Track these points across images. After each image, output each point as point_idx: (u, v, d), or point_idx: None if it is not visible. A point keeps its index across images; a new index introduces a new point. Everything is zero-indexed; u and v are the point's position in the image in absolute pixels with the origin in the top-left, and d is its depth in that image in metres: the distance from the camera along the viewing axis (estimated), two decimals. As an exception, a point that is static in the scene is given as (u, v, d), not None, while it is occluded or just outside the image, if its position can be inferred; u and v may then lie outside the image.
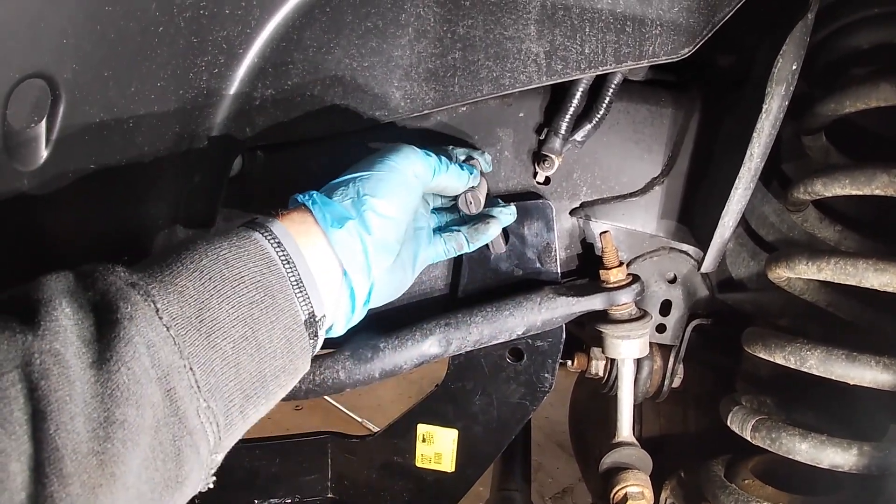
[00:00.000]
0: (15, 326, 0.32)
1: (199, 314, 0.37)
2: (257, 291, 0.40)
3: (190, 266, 0.38)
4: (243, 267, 0.40)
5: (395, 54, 0.62)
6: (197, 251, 0.40)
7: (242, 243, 0.41)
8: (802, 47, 0.57)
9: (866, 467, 0.58)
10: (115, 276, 0.36)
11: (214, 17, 0.57)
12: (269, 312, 0.40)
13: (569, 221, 0.73)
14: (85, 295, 0.35)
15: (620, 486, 0.68)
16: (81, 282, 0.37)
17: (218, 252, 0.40)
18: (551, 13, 0.60)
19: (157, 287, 0.36)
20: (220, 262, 0.39)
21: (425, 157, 0.57)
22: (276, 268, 0.42)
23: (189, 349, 0.36)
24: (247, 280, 0.40)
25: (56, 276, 0.37)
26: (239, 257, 0.40)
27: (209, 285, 0.38)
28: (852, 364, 0.57)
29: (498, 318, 0.67)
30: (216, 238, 0.41)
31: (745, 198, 0.62)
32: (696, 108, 0.71)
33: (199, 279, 0.38)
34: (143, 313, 0.35)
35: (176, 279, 0.37)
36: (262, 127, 0.64)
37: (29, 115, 0.47)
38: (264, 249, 0.42)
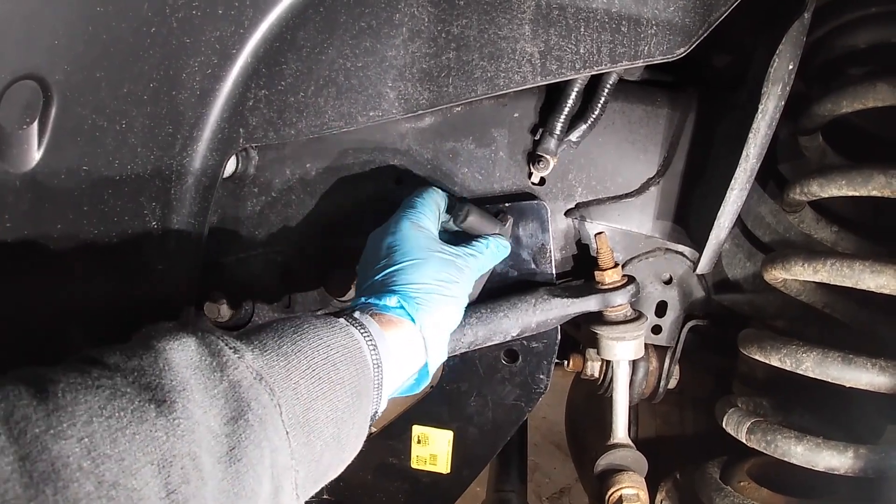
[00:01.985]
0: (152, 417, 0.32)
1: (305, 414, 0.39)
2: (352, 396, 0.43)
3: (304, 362, 0.41)
4: (346, 371, 0.43)
5: (389, 54, 0.62)
6: (310, 345, 0.42)
7: (347, 342, 0.44)
8: (799, 47, 0.57)
9: (862, 470, 0.58)
10: (244, 365, 0.37)
11: (207, 18, 0.57)
12: (355, 415, 0.44)
13: (564, 222, 0.73)
14: (212, 380, 0.36)
15: (615, 488, 0.68)
16: (207, 361, 0.37)
17: (328, 352, 0.43)
18: (546, 13, 0.59)
19: (279, 384, 0.38)
20: (328, 364, 0.42)
21: (427, 216, 0.61)
22: (368, 373, 0.45)
23: (296, 450, 0.38)
24: (346, 384, 0.43)
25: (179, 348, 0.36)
26: (344, 359, 0.43)
27: (318, 387, 0.41)
28: (848, 366, 0.57)
29: (492, 319, 0.67)
30: (324, 329, 0.44)
31: (742, 198, 0.61)
32: (691, 109, 0.71)
33: (310, 379, 0.40)
34: (272, 418, 0.37)
35: (292, 375, 0.40)
36: (256, 127, 0.64)
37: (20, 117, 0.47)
38: (363, 353, 0.45)
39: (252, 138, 0.65)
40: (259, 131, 0.64)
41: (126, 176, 0.58)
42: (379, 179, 0.73)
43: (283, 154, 0.73)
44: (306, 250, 0.74)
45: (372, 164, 0.73)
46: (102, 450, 0.29)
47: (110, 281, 0.61)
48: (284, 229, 0.74)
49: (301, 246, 0.74)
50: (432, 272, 0.54)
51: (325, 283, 0.73)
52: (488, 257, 0.62)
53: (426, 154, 0.72)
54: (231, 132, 0.64)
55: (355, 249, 0.73)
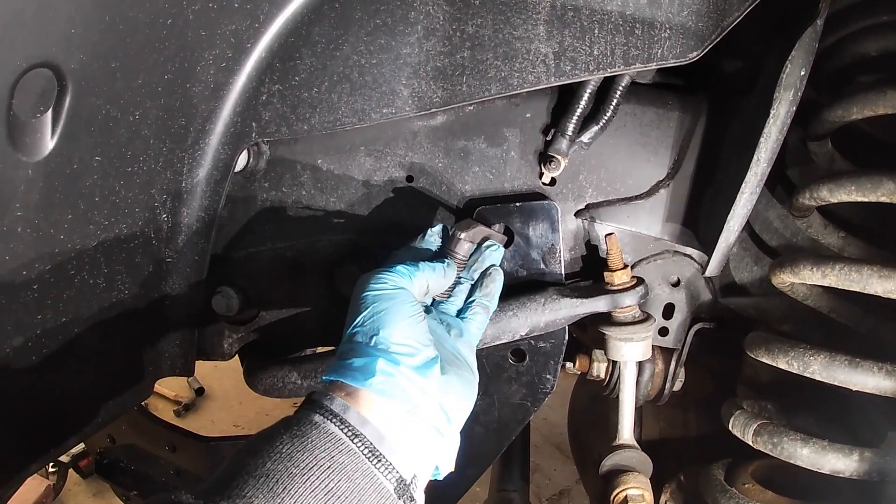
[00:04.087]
0: None
1: None
2: (331, 478, 0.38)
3: (264, 488, 0.36)
4: (310, 456, 0.38)
5: (403, 52, 0.62)
6: (264, 466, 0.38)
7: (304, 430, 0.40)
8: (811, 53, 0.57)
9: (866, 473, 0.59)
10: None
11: (223, 11, 0.57)
12: (350, 496, 0.38)
13: (574, 223, 0.73)
14: None
15: (621, 488, 0.68)
16: None
17: (281, 450, 0.38)
18: (561, 14, 0.59)
19: None
20: (286, 461, 0.38)
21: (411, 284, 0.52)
22: (345, 445, 0.40)
23: None
24: (316, 469, 0.38)
25: None
26: (304, 447, 0.39)
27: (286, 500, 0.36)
28: (855, 370, 0.57)
29: (501, 318, 0.67)
30: (276, 437, 0.40)
31: (751, 202, 0.62)
32: (702, 112, 0.71)
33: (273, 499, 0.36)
34: None
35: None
36: (269, 122, 0.64)
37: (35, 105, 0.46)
38: (327, 429, 0.41)
39: (265, 133, 0.64)
40: (272, 126, 0.64)
41: (138, 167, 0.58)
42: (390, 177, 0.73)
43: (295, 149, 0.73)
44: (316, 246, 0.74)
45: (383, 162, 0.73)
46: None
47: (120, 273, 0.60)
48: (294, 225, 0.74)
49: (310, 242, 0.74)
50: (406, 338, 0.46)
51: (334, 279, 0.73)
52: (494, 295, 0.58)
53: (438, 152, 0.72)
54: (244, 126, 0.64)
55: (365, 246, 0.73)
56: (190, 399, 2.30)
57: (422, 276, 0.53)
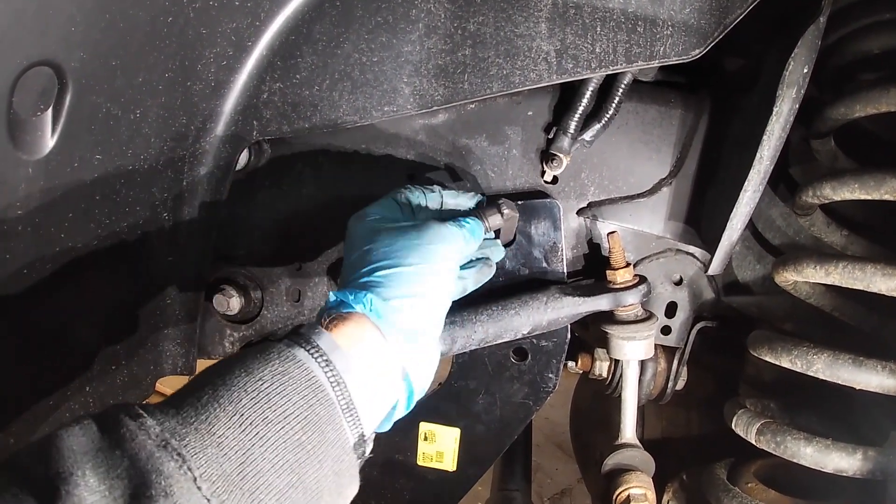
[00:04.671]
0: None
1: (240, 470, 0.33)
2: (304, 430, 0.36)
3: (228, 408, 0.34)
4: (288, 403, 0.36)
5: (404, 50, 0.62)
6: (235, 387, 0.35)
7: (286, 368, 0.37)
8: (814, 51, 0.57)
9: (870, 472, 0.58)
10: (145, 435, 0.32)
11: (224, 9, 0.57)
12: (317, 451, 0.36)
13: (576, 221, 0.73)
14: (112, 459, 0.32)
15: (623, 487, 0.68)
16: (107, 439, 0.32)
17: (259, 386, 0.35)
18: (563, 11, 0.59)
19: (194, 445, 0.33)
20: (261, 402, 0.35)
21: (457, 238, 0.53)
22: (325, 394, 0.38)
23: None
24: (292, 418, 0.35)
25: (77, 432, 0.33)
26: (283, 390, 0.36)
27: (251, 432, 0.34)
28: (859, 369, 0.57)
29: (503, 317, 0.66)
30: (255, 363, 0.37)
31: (754, 200, 0.62)
32: (705, 110, 0.71)
33: (238, 426, 0.34)
34: (180, 486, 0.31)
35: (213, 428, 0.33)
36: (270, 120, 0.64)
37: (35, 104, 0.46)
38: (311, 373, 0.38)
39: (266, 131, 0.64)
40: (273, 124, 0.64)
41: (139, 166, 0.57)
42: (391, 175, 0.72)
43: (296, 148, 0.73)
44: (317, 244, 0.74)
45: (384, 160, 0.72)
46: None
47: (120, 271, 0.60)
48: (295, 223, 0.74)
49: (312, 240, 0.74)
50: (384, 249, 0.47)
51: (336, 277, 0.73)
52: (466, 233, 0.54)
53: (439, 150, 0.72)
54: (245, 125, 0.64)
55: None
56: (190, 399, 2.30)
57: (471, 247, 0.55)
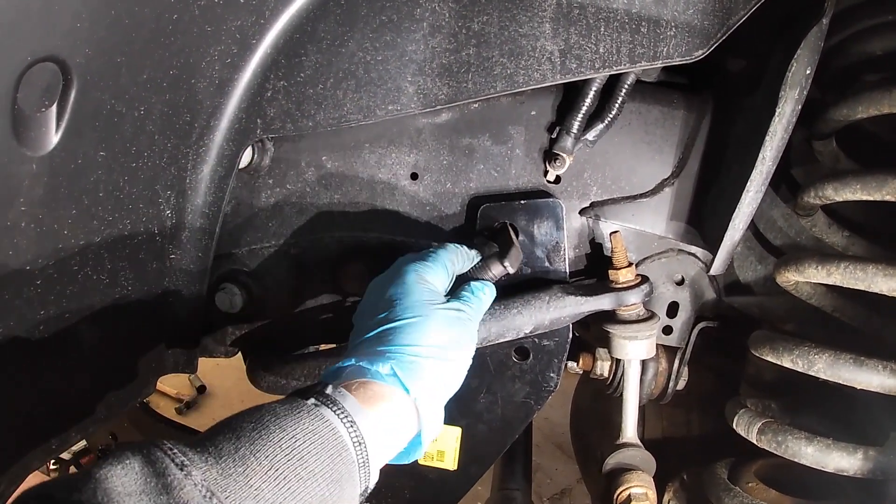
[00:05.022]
0: None
1: None
2: (328, 486, 0.39)
3: (264, 463, 0.37)
4: (317, 462, 0.39)
5: (409, 49, 0.62)
6: (270, 442, 0.38)
7: (316, 427, 0.40)
8: (817, 52, 0.58)
9: (871, 472, 0.59)
10: (192, 484, 0.34)
11: (229, 7, 0.57)
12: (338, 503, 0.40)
13: (578, 221, 0.73)
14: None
15: (624, 486, 0.68)
16: (152, 483, 0.34)
17: (293, 444, 0.39)
18: (567, 11, 0.59)
19: (234, 497, 0.35)
20: (295, 459, 0.38)
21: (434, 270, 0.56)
22: (348, 455, 0.41)
23: None
24: (319, 476, 0.39)
25: (119, 472, 0.34)
26: (313, 449, 0.39)
27: (284, 487, 0.37)
28: (860, 369, 0.57)
29: (506, 315, 0.66)
30: (288, 421, 0.40)
31: (756, 201, 0.62)
32: (707, 111, 0.71)
33: (273, 481, 0.37)
34: None
35: (251, 481, 0.36)
36: (273, 118, 0.64)
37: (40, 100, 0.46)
38: (338, 434, 0.41)
39: (269, 129, 0.64)
40: (276, 122, 0.64)
41: (142, 163, 0.57)
42: (395, 174, 0.72)
43: (300, 146, 0.73)
44: (320, 243, 0.74)
45: (388, 159, 0.72)
46: None
47: (123, 268, 0.60)
48: (299, 221, 0.74)
49: (315, 239, 0.74)
50: (435, 333, 0.49)
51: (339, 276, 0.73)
52: (486, 304, 0.59)
53: (442, 150, 0.72)
54: (248, 122, 0.64)
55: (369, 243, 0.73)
56: (192, 397, 2.30)
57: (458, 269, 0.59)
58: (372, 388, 0.45)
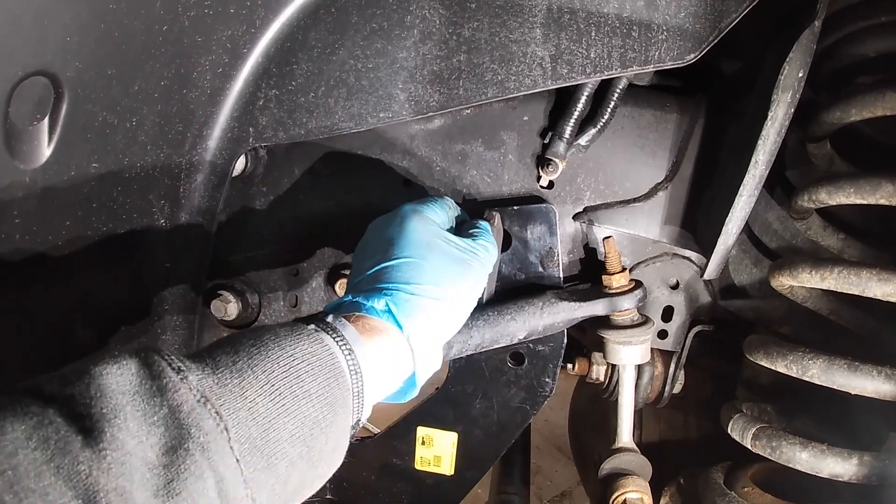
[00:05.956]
0: (76, 448, 0.29)
1: (264, 435, 0.36)
2: (322, 408, 0.39)
3: (261, 377, 0.37)
4: (313, 382, 0.39)
5: (399, 56, 0.62)
6: (268, 358, 0.38)
7: (315, 349, 0.40)
8: (809, 54, 0.57)
9: (866, 477, 0.58)
10: (187, 388, 0.34)
11: (219, 17, 0.57)
12: (328, 429, 0.40)
13: (572, 226, 0.73)
14: (151, 405, 0.33)
15: (620, 491, 0.68)
16: (146, 385, 0.34)
17: (290, 362, 0.38)
18: (557, 17, 0.59)
19: (229, 405, 0.35)
20: (292, 376, 0.38)
21: (435, 210, 0.55)
22: (344, 380, 0.41)
23: (251, 476, 0.35)
24: (315, 397, 0.39)
25: (115, 371, 0.33)
26: (310, 369, 0.39)
27: (279, 403, 0.37)
28: (854, 374, 0.57)
29: (499, 322, 0.66)
30: (287, 341, 0.40)
31: (750, 205, 0.61)
32: (700, 114, 0.71)
33: (270, 395, 0.36)
34: (217, 446, 0.33)
35: (247, 393, 0.36)
36: (266, 127, 0.64)
37: (32, 113, 0.47)
38: (335, 360, 0.41)
39: (262, 138, 0.65)
40: (269, 131, 0.64)
41: (136, 173, 0.58)
42: (387, 180, 0.73)
43: (293, 154, 0.73)
44: (314, 250, 0.74)
45: (381, 166, 0.73)
46: (26, 483, 0.28)
47: (118, 278, 0.61)
48: (292, 229, 0.74)
49: (309, 245, 0.74)
50: (433, 271, 0.48)
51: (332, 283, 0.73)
52: (492, 253, 0.56)
53: (435, 156, 0.72)
54: (241, 131, 0.64)
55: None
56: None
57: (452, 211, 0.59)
58: (369, 323, 0.45)
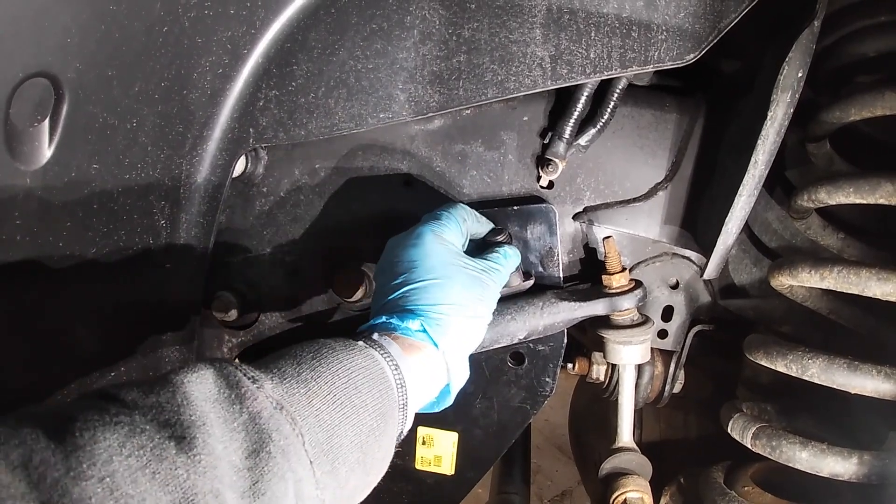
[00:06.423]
0: (171, 454, 0.31)
1: (328, 440, 0.39)
2: (376, 419, 0.42)
3: (324, 388, 0.40)
4: (368, 394, 0.42)
5: (399, 56, 0.62)
6: (330, 369, 0.41)
7: (367, 363, 0.44)
8: (808, 54, 0.57)
9: (866, 476, 0.58)
10: (264, 396, 0.37)
11: (219, 18, 0.57)
12: (381, 438, 0.43)
13: (572, 226, 0.73)
14: (232, 412, 0.35)
15: (620, 491, 0.68)
16: (226, 393, 0.36)
17: (349, 375, 0.42)
18: (557, 17, 0.59)
19: (301, 412, 0.38)
20: (350, 388, 0.41)
21: (451, 228, 0.58)
22: (392, 394, 0.45)
23: (321, 478, 0.38)
24: (370, 407, 0.42)
25: (197, 381, 0.36)
26: (366, 382, 0.43)
27: (340, 412, 0.40)
28: (854, 373, 0.57)
29: (500, 322, 0.67)
30: (344, 355, 0.43)
31: (749, 204, 0.62)
32: (700, 114, 0.71)
33: (332, 404, 0.40)
34: (295, 449, 0.36)
35: (313, 402, 0.39)
36: (266, 127, 0.64)
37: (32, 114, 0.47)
38: (385, 374, 0.45)
39: (262, 139, 0.65)
40: (269, 132, 0.64)
41: (136, 174, 0.58)
42: (388, 181, 0.73)
43: (293, 155, 0.73)
44: (314, 251, 0.74)
45: (381, 166, 0.73)
46: (124, 489, 0.29)
47: (118, 279, 0.61)
48: (293, 230, 0.74)
49: (309, 246, 0.74)
50: (457, 292, 0.52)
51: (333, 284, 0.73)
52: (508, 268, 0.60)
53: (435, 156, 0.72)
54: (241, 132, 0.64)
55: (363, 250, 0.73)
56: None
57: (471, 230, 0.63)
58: (407, 341, 0.49)
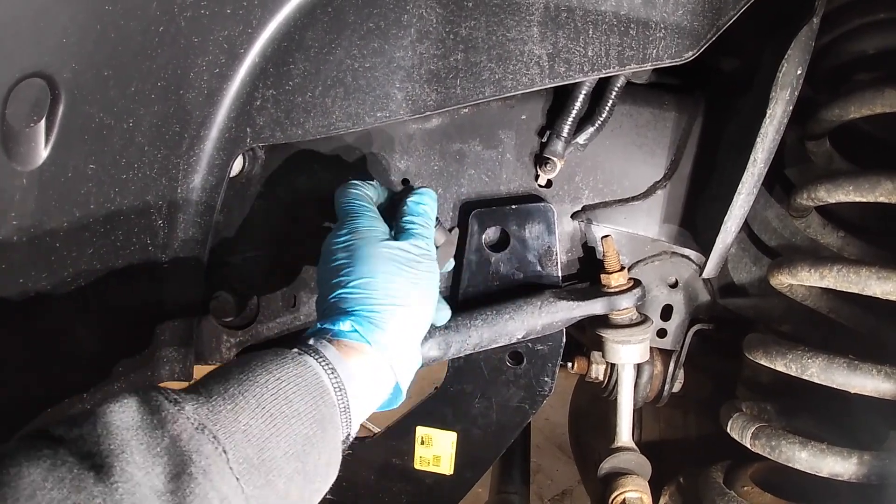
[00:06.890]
0: (90, 484, 0.31)
1: (259, 454, 0.38)
2: (311, 426, 0.42)
3: (252, 402, 0.40)
4: (301, 402, 0.42)
5: (396, 55, 0.62)
6: (257, 383, 0.41)
7: (300, 371, 0.43)
8: (807, 52, 0.57)
9: (865, 476, 0.58)
10: (185, 418, 0.37)
11: (216, 17, 0.57)
12: (319, 445, 0.42)
13: (570, 225, 0.72)
14: (153, 437, 0.35)
15: (619, 491, 0.68)
16: (147, 419, 0.36)
17: (279, 385, 0.41)
18: (555, 15, 0.59)
19: (225, 430, 0.37)
20: (281, 398, 0.41)
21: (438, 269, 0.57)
22: (329, 398, 0.44)
23: (253, 494, 0.37)
24: (304, 415, 0.41)
25: (118, 409, 0.36)
26: (297, 390, 0.42)
27: (270, 424, 0.39)
28: (853, 373, 0.57)
29: (498, 321, 0.66)
30: (274, 365, 0.42)
31: (749, 203, 0.61)
32: (699, 112, 0.71)
33: (261, 417, 0.39)
34: (217, 467, 0.36)
35: (240, 417, 0.39)
36: (263, 127, 0.64)
37: (28, 115, 0.47)
38: (320, 379, 0.44)
39: (259, 138, 0.65)
40: (266, 131, 0.64)
41: (133, 175, 0.58)
42: (385, 180, 0.72)
43: (291, 154, 0.73)
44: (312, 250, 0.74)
45: (378, 165, 0.73)
46: None
47: (116, 279, 0.61)
48: (290, 229, 0.74)
49: (307, 245, 0.74)
50: (384, 283, 0.51)
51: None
52: (427, 228, 0.58)
53: (433, 155, 0.72)
54: (238, 132, 0.64)
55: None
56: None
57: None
58: (343, 343, 0.48)
